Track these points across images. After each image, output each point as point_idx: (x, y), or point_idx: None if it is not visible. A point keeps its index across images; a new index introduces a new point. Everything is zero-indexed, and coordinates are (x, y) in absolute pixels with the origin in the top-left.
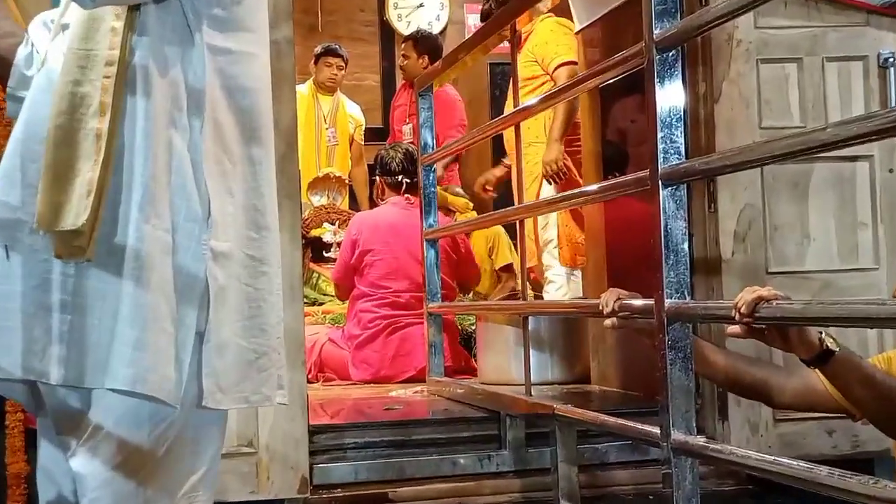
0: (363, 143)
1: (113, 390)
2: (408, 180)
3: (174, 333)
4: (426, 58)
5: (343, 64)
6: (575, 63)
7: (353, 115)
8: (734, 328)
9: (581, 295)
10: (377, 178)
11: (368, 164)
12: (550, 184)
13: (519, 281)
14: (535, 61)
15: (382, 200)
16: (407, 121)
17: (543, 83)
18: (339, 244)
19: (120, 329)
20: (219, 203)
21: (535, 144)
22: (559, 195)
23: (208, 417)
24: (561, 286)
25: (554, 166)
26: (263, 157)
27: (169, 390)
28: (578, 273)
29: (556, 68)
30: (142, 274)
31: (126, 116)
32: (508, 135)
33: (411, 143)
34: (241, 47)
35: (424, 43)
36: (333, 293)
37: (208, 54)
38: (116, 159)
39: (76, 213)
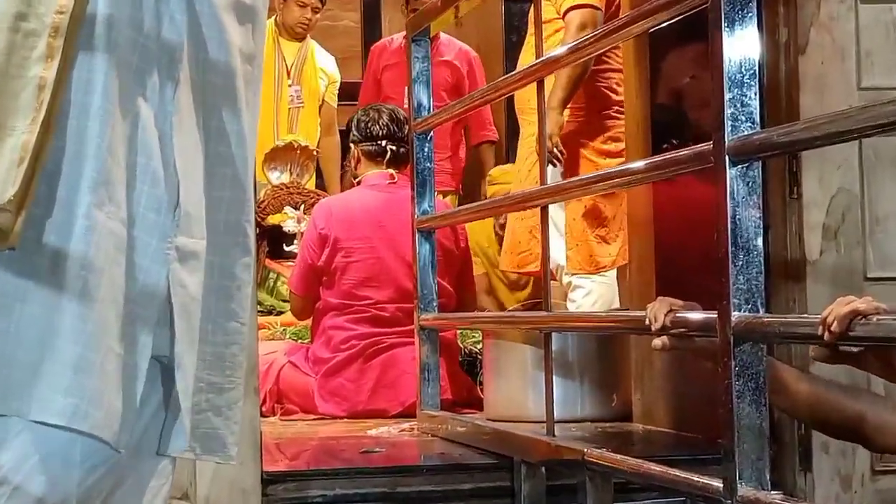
0: (336, 104)
1: (41, 423)
2: (393, 148)
3: (124, 356)
4: None
5: (319, 5)
6: (593, 7)
7: (324, 69)
8: (822, 350)
9: (618, 304)
10: (351, 146)
11: (342, 131)
12: (555, 165)
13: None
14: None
15: (356, 178)
16: None
17: (558, 30)
18: (303, 236)
19: (58, 345)
20: (191, 189)
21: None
22: (594, 175)
23: (154, 466)
24: (590, 292)
25: (549, 143)
26: (247, 138)
27: (115, 430)
28: (612, 275)
29: (567, 11)
30: (89, 276)
31: (80, 67)
32: (520, 100)
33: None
34: None
35: None
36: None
37: None
38: (61, 121)
39: (2, 185)
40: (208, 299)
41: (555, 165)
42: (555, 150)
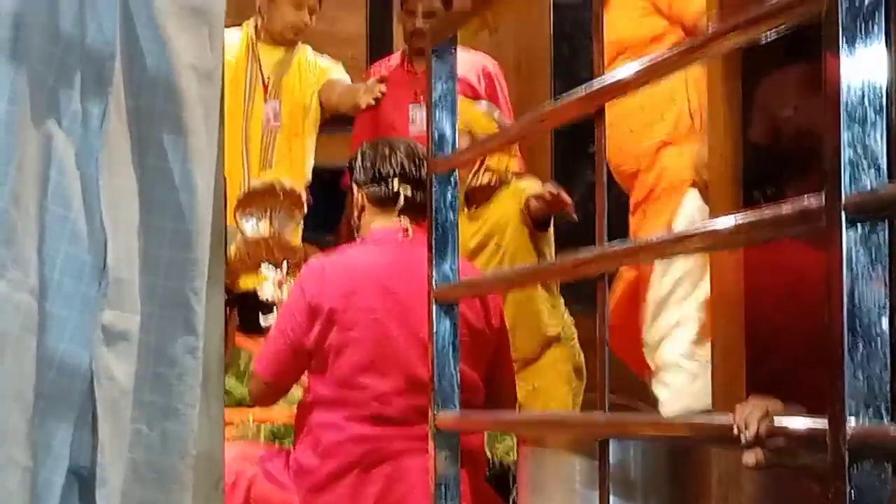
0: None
1: None
2: (408, 192)
3: (33, 468)
4: None
5: (318, 4)
6: None
7: (314, 62)
8: None
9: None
10: (354, 188)
11: (338, 168)
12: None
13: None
14: (656, 7)
15: (359, 232)
16: (420, 100)
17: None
18: (284, 303)
19: None
20: (122, 247)
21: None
22: (666, 237)
23: None
24: (681, 390)
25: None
26: (197, 180)
27: None
28: (706, 357)
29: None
30: None
31: None
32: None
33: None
34: None
35: None
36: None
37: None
38: None
39: None
40: (141, 392)
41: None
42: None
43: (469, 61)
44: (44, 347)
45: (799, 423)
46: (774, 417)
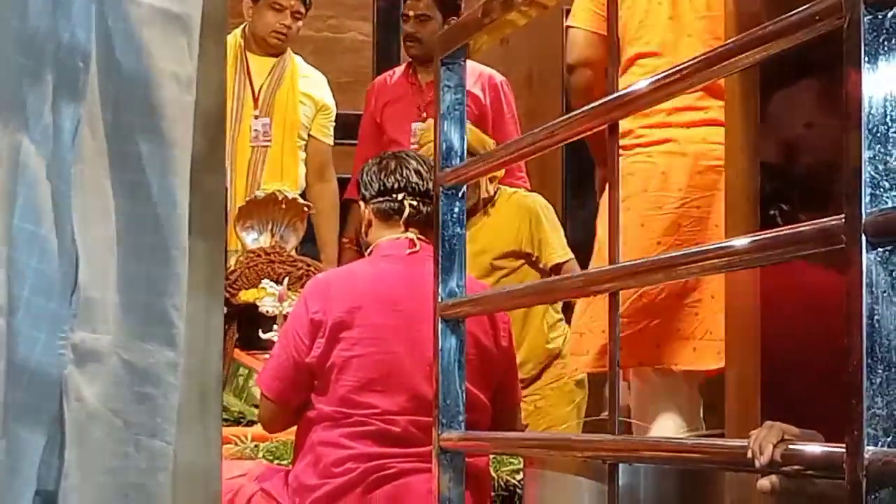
0: (331, 140)
1: None
2: (413, 204)
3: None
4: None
5: (302, 9)
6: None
7: (309, 93)
8: None
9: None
10: (361, 205)
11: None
12: None
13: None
14: None
15: (367, 249)
16: (423, 115)
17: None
18: (287, 319)
19: None
20: (95, 265)
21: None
22: (681, 254)
23: None
24: None
25: None
26: (178, 192)
27: None
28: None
29: None
30: None
31: None
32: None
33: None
34: (161, 1)
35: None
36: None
37: (102, 4)
38: None
39: None
40: (127, 413)
41: None
42: None
43: (475, 73)
44: (12, 367)
45: (816, 449)
46: (790, 443)
